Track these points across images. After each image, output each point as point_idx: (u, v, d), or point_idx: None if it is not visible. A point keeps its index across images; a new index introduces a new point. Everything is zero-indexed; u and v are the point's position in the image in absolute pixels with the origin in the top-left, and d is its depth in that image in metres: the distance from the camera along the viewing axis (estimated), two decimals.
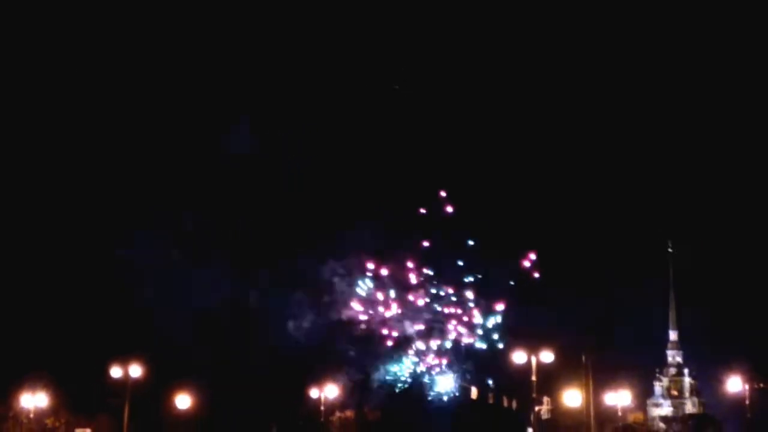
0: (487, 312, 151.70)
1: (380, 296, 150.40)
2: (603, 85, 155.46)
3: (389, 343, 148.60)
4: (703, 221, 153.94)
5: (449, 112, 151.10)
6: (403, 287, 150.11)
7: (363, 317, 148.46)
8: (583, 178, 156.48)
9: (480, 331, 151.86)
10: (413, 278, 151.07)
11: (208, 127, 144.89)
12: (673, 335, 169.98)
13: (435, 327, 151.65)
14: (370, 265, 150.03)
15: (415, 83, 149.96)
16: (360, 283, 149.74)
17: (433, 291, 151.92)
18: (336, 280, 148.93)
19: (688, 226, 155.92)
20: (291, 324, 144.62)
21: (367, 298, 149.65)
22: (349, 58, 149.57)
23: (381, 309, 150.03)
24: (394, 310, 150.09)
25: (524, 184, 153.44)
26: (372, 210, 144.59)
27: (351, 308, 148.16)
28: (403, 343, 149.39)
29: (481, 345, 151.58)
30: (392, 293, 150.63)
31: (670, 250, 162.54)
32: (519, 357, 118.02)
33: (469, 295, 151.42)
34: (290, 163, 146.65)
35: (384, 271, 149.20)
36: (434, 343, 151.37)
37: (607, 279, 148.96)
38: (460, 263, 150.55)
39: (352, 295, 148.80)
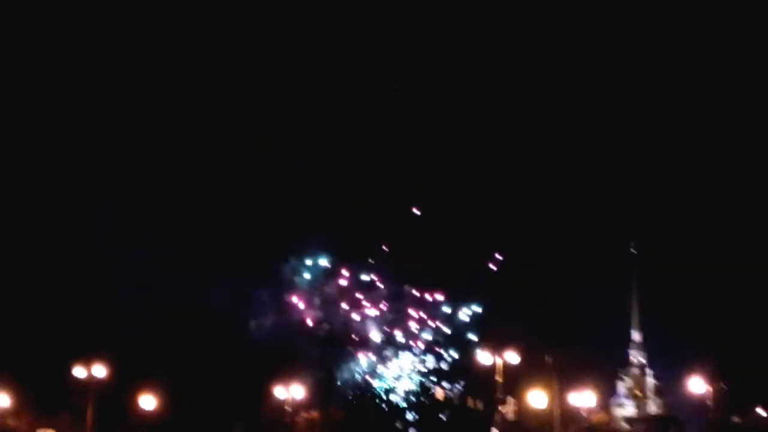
0: (453, 313, 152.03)
1: (339, 294, 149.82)
2: (580, 85, 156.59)
3: (352, 344, 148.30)
4: (669, 220, 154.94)
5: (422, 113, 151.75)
6: (366, 288, 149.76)
7: (318, 317, 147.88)
8: (549, 177, 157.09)
9: (445, 332, 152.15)
10: (376, 279, 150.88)
11: (178, 123, 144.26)
12: (636, 335, 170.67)
13: (398, 327, 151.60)
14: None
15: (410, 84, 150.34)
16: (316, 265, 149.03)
17: (396, 291, 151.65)
18: (297, 279, 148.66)
19: (652, 224, 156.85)
20: (253, 323, 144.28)
21: (328, 297, 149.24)
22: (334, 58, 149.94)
23: (343, 308, 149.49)
24: (365, 313, 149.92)
25: (491, 183, 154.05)
26: (337, 211, 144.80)
27: (313, 308, 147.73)
28: (366, 344, 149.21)
29: (446, 346, 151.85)
30: (355, 293, 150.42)
31: (632, 250, 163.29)
32: (484, 357, 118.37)
33: (436, 296, 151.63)
34: (258, 163, 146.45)
35: (345, 272, 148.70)
36: (398, 342, 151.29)
37: (570, 278, 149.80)
38: (424, 264, 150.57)
39: (314, 294, 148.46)
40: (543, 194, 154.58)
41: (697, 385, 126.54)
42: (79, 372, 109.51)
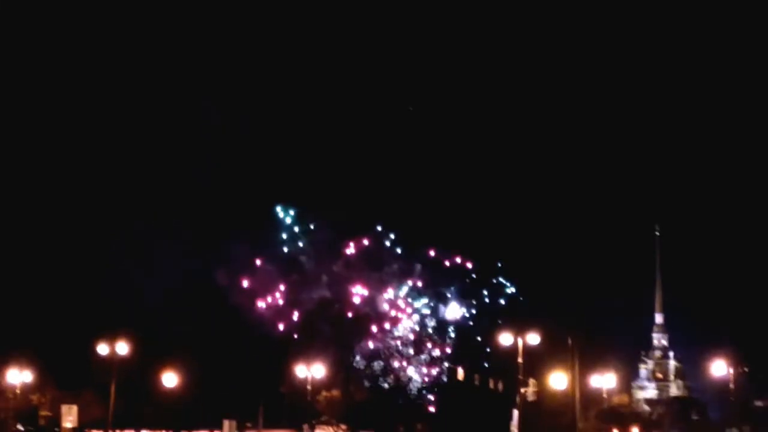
0: (478, 289, 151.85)
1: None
2: (592, 74, 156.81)
3: (369, 322, 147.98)
4: (691, 203, 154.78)
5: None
6: (374, 265, 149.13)
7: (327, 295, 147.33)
8: (571, 159, 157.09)
9: (467, 311, 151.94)
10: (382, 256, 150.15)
11: (177, 100, 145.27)
12: (658, 318, 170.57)
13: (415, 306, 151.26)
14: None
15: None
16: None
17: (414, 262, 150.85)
18: (303, 259, 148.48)
19: (675, 208, 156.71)
20: (260, 302, 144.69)
21: (337, 273, 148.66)
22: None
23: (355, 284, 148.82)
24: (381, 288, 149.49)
25: (510, 163, 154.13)
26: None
27: (322, 287, 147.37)
28: (383, 322, 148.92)
29: (467, 327, 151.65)
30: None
31: (657, 232, 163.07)
32: (505, 339, 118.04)
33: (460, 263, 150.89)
34: (257, 137, 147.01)
35: (351, 250, 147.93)
36: (414, 322, 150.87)
37: (593, 261, 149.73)
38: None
39: (320, 273, 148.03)
40: (567, 177, 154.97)
41: (719, 368, 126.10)
42: (102, 349, 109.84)
